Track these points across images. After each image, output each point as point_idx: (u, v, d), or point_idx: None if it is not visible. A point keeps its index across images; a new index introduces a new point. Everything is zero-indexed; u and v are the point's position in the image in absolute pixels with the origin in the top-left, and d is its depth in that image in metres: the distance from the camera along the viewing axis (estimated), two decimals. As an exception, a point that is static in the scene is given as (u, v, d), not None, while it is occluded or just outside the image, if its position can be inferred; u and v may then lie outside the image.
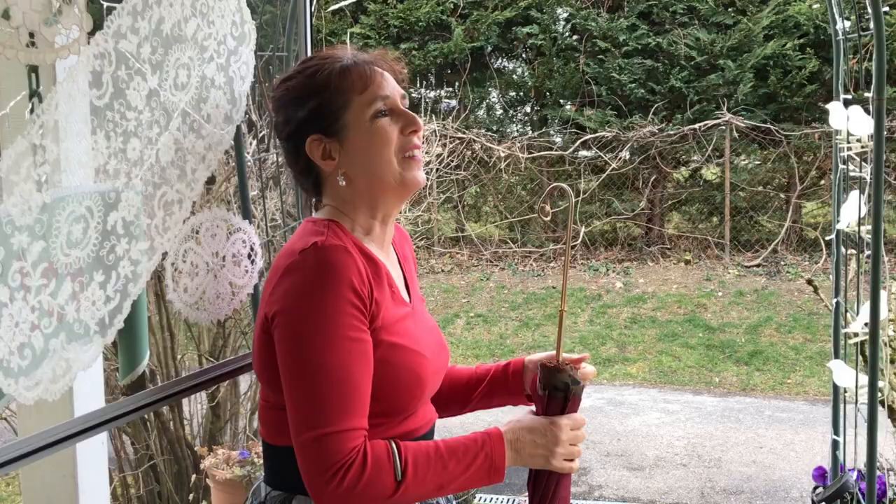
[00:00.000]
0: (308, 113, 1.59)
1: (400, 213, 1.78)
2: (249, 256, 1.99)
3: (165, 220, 1.64)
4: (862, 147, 2.67)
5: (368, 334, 1.49)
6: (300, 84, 1.61)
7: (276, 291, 1.50)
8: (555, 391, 1.56)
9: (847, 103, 2.74)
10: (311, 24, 2.40)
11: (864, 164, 2.69)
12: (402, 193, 1.64)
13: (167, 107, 1.62)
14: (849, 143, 2.71)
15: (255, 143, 4.04)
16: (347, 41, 8.88)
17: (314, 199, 1.70)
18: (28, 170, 1.31)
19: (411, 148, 1.61)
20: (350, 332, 1.45)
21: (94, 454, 2.72)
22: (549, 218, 1.79)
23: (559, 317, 1.63)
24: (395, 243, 1.76)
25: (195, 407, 4.47)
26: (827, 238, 3.24)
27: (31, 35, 1.33)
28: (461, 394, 1.87)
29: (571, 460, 1.57)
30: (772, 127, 10.96)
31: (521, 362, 1.83)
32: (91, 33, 1.41)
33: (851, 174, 2.78)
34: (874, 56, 2.35)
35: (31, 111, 1.45)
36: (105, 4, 1.53)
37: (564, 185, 1.71)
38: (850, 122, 2.67)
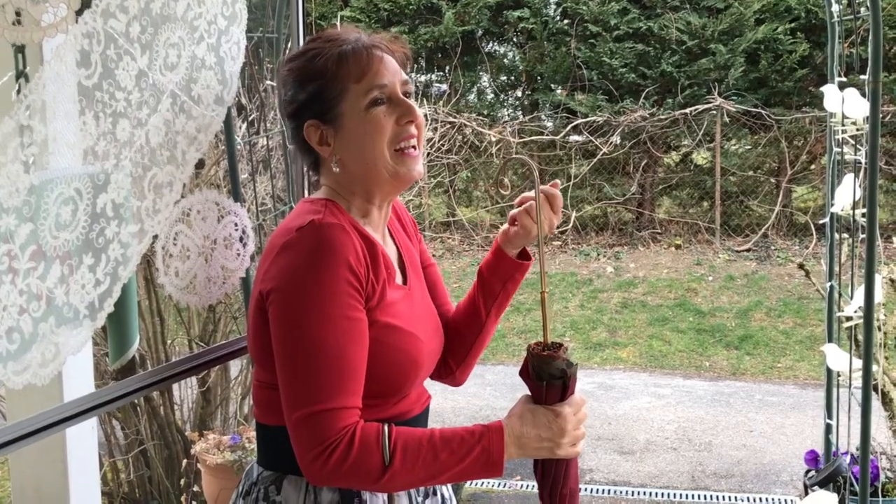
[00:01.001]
0: (307, 97, 1.58)
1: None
2: (241, 240, 1.97)
3: (156, 203, 1.61)
4: (857, 130, 2.66)
5: (364, 314, 1.48)
6: (301, 66, 1.59)
7: (271, 269, 1.49)
8: (552, 380, 1.51)
9: (842, 86, 2.72)
10: (303, 7, 2.37)
11: (858, 147, 2.68)
12: (396, 185, 1.62)
13: (157, 87, 1.59)
14: (843, 125, 2.70)
15: (244, 126, 4.01)
16: (338, 24, 8.83)
17: (314, 178, 1.70)
18: (15, 151, 1.28)
19: (406, 138, 1.58)
20: (346, 311, 1.44)
21: (83, 439, 2.71)
22: (508, 192, 1.75)
23: (541, 299, 1.57)
24: (392, 225, 1.76)
25: (185, 392, 4.45)
26: (820, 222, 3.24)
27: (18, 13, 1.30)
28: (471, 316, 1.84)
29: (577, 443, 1.55)
30: (762, 111, 10.95)
31: (496, 244, 1.82)
32: (79, 12, 1.38)
33: (846, 157, 2.77)
34: (870, 38, 2.33)
35: (18, 92, 1.42)
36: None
37: (524, 157, 1.66)
38: (845, 104, 2.65)
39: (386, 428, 1.44)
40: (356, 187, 1.61)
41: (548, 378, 1.51)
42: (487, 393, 6.69)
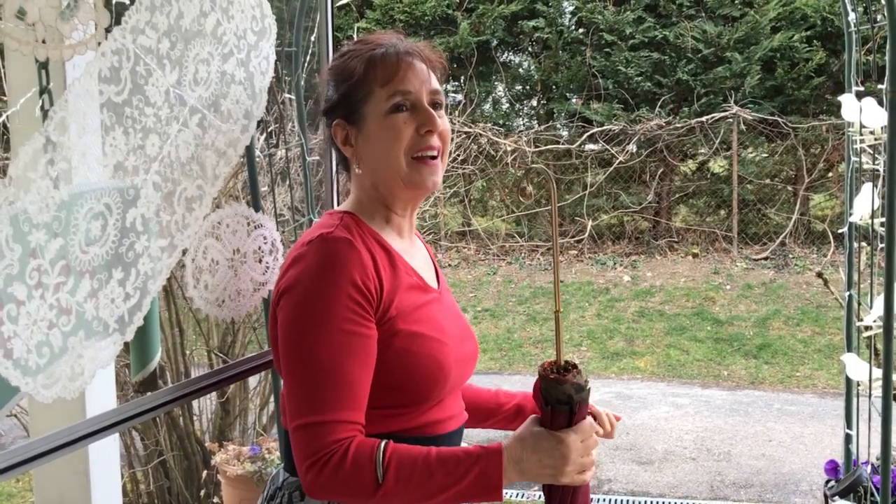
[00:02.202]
0: (338, 97, 1.63)
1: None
2: (271, 252, 1.98)
3: (185, 217, 1.63)
4: (875, 139, 2.65)
5: (371, 329, 1.48)
6: (338, 67, 1.64)
7: (281, 281, 1.52)
8: (558, 405, 1.45)
9: (859, 95, 2.72)
10: (333, 18, 2.40)
11: (877, 156, 2.68)
12: (411, 194, 1.63)
13: (186, 103, 1.61)
14: (861, 135, 2.70)
15: (263, 138, 4.04)
16: (355, 36, 8.88)
17: (345, 181, 1.74)
18: (44, 167, 1.30)
19: (424, 149, 1.58)
20: (346, 325, 1.44)
21: (106, 451, 2.73)
22: (530, 200, 1.73)
23: (555, 318, 1.52)
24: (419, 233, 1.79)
25: (204, 403, 4.47)
26: (839, 231, 3.23)
27: (47, 31, 1.32)
28: (478, 415, 1.87)
29: (584, 471, 1.49)
30: (779, 119, 10.92)
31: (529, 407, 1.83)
32: (108, 29, 1.40)
33: (864, 166, 2.76)
34: (888, 47, 2.33)
35: (42, 108, 1.44)
36: (115, 0, 1.52)
37: (542, 167, 1.64)
38: (863, 113, 2.65)
39: (382, 444, 1.42)
40: (375, 192, 1.63)
41: (554, 403, 1.46)
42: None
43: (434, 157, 1.60)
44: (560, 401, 1.45)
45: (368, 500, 1.42)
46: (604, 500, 5.04)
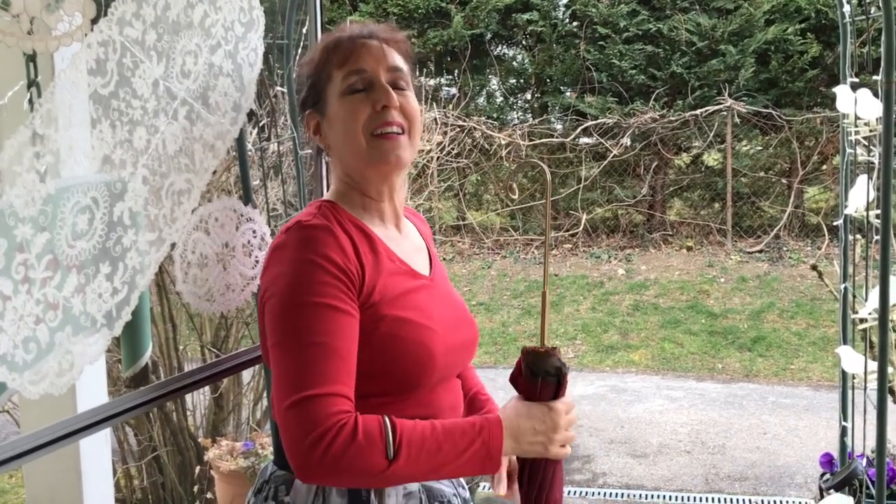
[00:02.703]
0: (306, 89, 1.64)
1: (406, 196, 1.76)
2: (260, 247, 1.97)
3: (173, 210, 1.61)
4: (870, 131, 2.65)
5: (353, 307, 1.46)
6: (308, 59, 1.66)
7: (264, 272, 1.52)
8: (547, 376, 1.49)
9: (854, 87, 2.71)
10: (322, 11, 2.38)
11: (871, 148, 2.67)
12: (377, 172, 1.60)
13: (173, 95, 1.59)
14: (856, 126, 2.69)
15: (255, 131, 4.02)
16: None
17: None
18: (30, 160, 1.28)
19: (381, 124, 1.56)
20: (330, 301, 1.42)
21: (97, 447, 2.72)
22: (516, 196, 1.74)
23: (542, 298, 1.54)
24: (415, 220, 1.78)
25: (198, 398, 4.46)
26: (833, 223, 3.22)
27: (32, 22, 1.30)
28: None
29: (565, 445, 1.52)
30: (773, 112, 10.92)
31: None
32: (94, 20, 1.38)
33: (859, 158, 2.76)
34: (883, 38, 2.32)
35: (30, 101, 1.42)
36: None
37: (538, 161, 1.64)
38: (858, 105, 2.64)
39: (387, 420, 1.38)
40: (348, 178, 1.62)
41: (543, 374, 1.49)
42: (499, 397, 6.67)
43: (397, 133, 1.58)
44: (549, 372, 1.49)
45: (373, 479, 1.37)
46: (598, 493, 5.04)
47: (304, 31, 2.67)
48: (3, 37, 1.23)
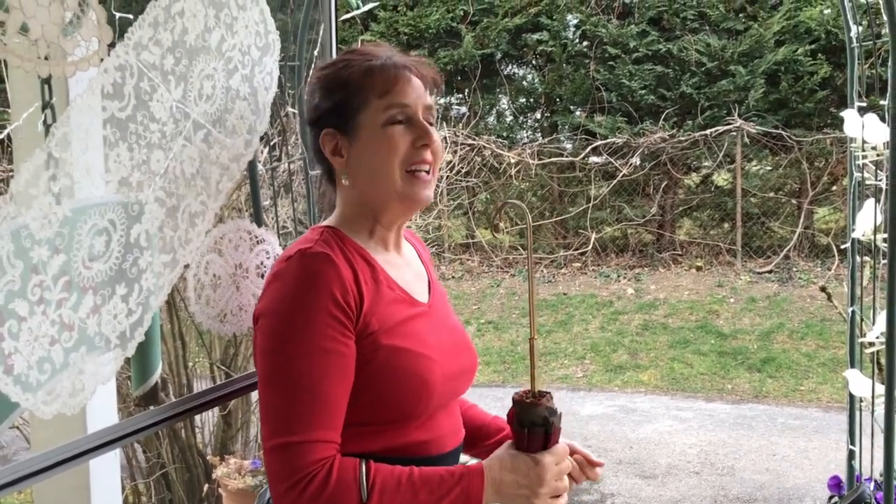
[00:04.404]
0: (330, 105, 1.60)
1: (410, 220, 1.76)
2: None
3: (188, 232, 1.63)
4: (878, 155, 2.65)
5: (350, 346, 1.46)
6: (330, 75, 1.61)
7: (262, 297, 1.51)
8: (534, 427, 1.47)
9: (862, 111, 2.72)
10: (336, 32, 2.40)
11: (879, 171, 2.68)
12: (402, 207, 1.60)
13: (191, 118, 1.61)
14: (864, 150, 2.70)
15: (266, 151, 4.04)
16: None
17: (322, 190, 1.72)
18: (46, 183, 1.30)
19: (418, 162, 1.57)
20: (325, 343, 1.43)
21: (107, 463, 2.72)
22: (501, 235, 1.72)
23: (530, 345, 1.53)
24: (415, 244, 1.78)
25: (206, 415, 4.46)
26: (842, 246, 3.22)
27: (49, 47, 1.32)
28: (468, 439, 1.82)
29: (558, 496, 1.50)
30: (783, 132, 10.93)
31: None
32: (111, 45, 1.40)
33: (867, 182, 2.76)
34: (890, 62, 2.33)
35: (44, 122, 1.44)
36: (118, 16, 1.52)
37: (518, 202, 1.63)
38: (865, 129, 2.65)
39: (363, 464, 1.41)
40: (362, 205, 1.61)
41: (529, 425, 1.48)
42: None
43: (427, 172, 1.59)
44: (535, 423, 1.47)
45: None
46: (607, 514, 5.03)
47: (315, 51, 2.70)
48: (20, 62, 1.25)
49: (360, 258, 1.55)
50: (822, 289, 4.29)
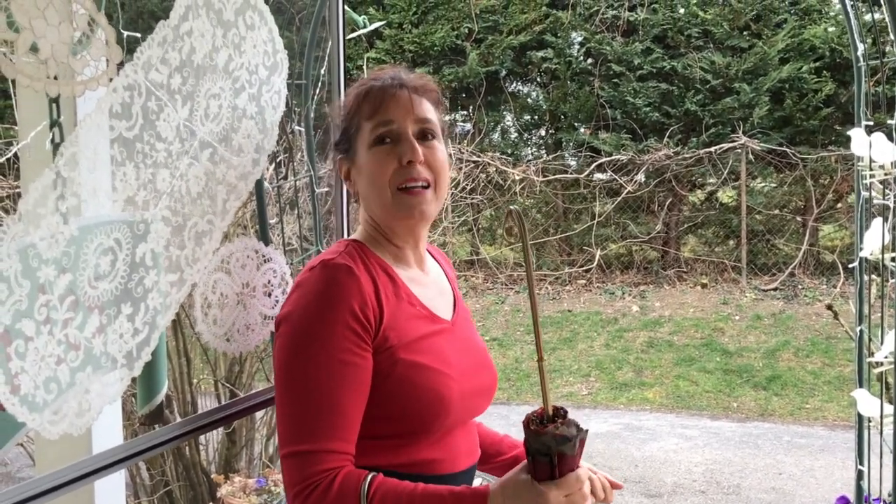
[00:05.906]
0: (339, 132, 1.66)
1: (428, 237, 1.76)
2: (280, 286, 1.97)
3: (195, 251, 1.63)
4: (885, 174, 2.65)
5: (367, 359, 1.47)
6: (343, 103, 1.68)
7: (285, 303, 1.53)
8: (539, 456, 1.39)
9: (869, 129, 2.71)
10: (344, 49, 2.40)
11: (886, 190, 2.67)
12: (402, 224, 1.61)
13: (197, 137, 1.61)
14: (871, 169, 2.69)
15: (272, 168, 4.05)
16: (365, 66, 8.92)
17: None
18: (55, 203, 1.30)
19: (407, 180, 1.57)
20: (342, 355, 1.44)
21: (112, 482, 2.71)
22: (513, 239, 1.71)
23: (539, 367, 1.46)
24: (441, 262, 1.79)
25: (211, 433, 4.45)
26: (849, 265, 3.21)
27: (59, 67, 1.32)
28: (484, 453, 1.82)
29: None
30: (788, 150, 10.93)
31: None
32: (120, 65, 1.40)
33: (874, 201, 2.75)
34: (897, 83, 2.33)
35: (52, 141, 1.44)
36: (126, 34, 1.52)
37: (514, 207, 1.57)
38: (872, 149, 2.64)
39: (368, 477, 1.42)
40: (374, 224, 1.64)
41: (534, 453, 1.40)
42: (512, 434, 6.64)
43: (424, 187, 1.59)
44: (539, 452, 1.40)
45: None
46: (612, 533, 4.99)
47: (321, 69, 2.70)
48: (30, 82, 1.26)
49: (383, 272, 1.56)
50: (829, 307, 4.27)
